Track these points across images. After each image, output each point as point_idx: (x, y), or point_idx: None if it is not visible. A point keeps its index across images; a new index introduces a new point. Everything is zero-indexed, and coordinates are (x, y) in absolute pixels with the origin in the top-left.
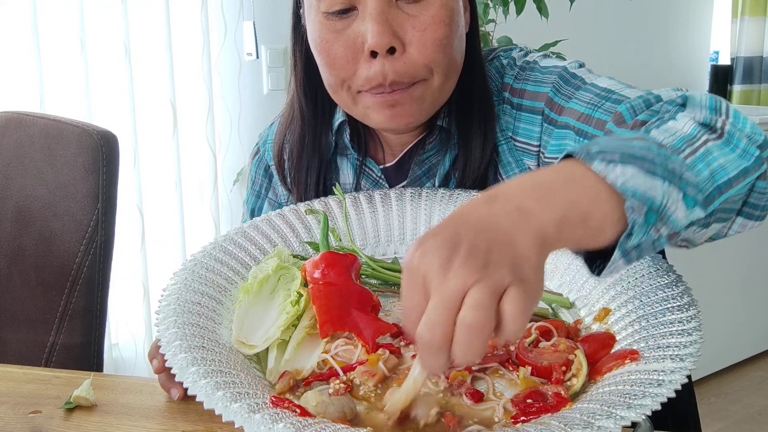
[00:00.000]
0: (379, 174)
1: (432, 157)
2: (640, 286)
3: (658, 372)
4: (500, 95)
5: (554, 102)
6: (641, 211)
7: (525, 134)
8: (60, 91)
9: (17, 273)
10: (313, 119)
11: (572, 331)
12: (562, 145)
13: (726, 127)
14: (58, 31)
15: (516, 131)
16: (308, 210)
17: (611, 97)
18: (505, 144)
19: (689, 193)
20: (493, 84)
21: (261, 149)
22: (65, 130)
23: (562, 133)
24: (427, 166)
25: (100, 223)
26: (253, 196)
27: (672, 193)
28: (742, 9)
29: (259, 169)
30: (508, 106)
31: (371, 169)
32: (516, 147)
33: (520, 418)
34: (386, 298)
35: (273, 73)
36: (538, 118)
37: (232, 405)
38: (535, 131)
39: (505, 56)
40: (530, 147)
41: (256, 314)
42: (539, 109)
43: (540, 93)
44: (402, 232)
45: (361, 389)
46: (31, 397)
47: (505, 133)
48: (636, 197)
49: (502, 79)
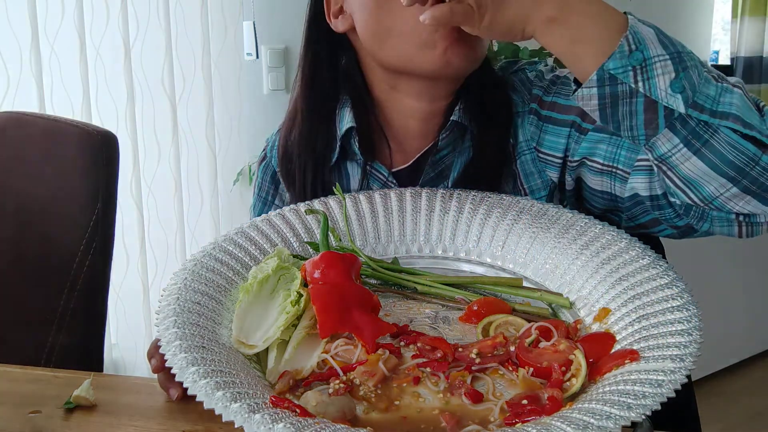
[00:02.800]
0: (388, 177)
1: (446, 158)
2: (640, 286)
3: (658, 372)
4: (526, 106)
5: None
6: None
7: (550, 146)
8: (60, 91)
9: (17, 273)
10: (315, 116)
11: (572, 331)
12: (594, 149)
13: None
14: (58, 31)
15: (541, 142)
16: (308, 210)
17: None
18: (528, 154)
19: (682, 81)
20: (518, 95)
21: (268, 155)
22: (65, 130)
23: (596, 136)
24: (440, 168)
25: (100, 223)
26: (259, 203)
27: (666, 65)
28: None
29: (266, 175)
30: (535, 117)
31: (380, 172)
32: (539, 158)
33: (513, 419)
34: (386, 298)
35: (273, 73)
36: (565, 130)
37: (232, 405)
38: (561, 143)
39: (530, 69)
40: (554, 159)
41: (256, 314)
42: (569, 122)
43: (573, 107)
44: (402, 232)
45: (361, 389)
46: (31, 397)
47: (529, 143)
48: (636, 36)
49: (530, 92)
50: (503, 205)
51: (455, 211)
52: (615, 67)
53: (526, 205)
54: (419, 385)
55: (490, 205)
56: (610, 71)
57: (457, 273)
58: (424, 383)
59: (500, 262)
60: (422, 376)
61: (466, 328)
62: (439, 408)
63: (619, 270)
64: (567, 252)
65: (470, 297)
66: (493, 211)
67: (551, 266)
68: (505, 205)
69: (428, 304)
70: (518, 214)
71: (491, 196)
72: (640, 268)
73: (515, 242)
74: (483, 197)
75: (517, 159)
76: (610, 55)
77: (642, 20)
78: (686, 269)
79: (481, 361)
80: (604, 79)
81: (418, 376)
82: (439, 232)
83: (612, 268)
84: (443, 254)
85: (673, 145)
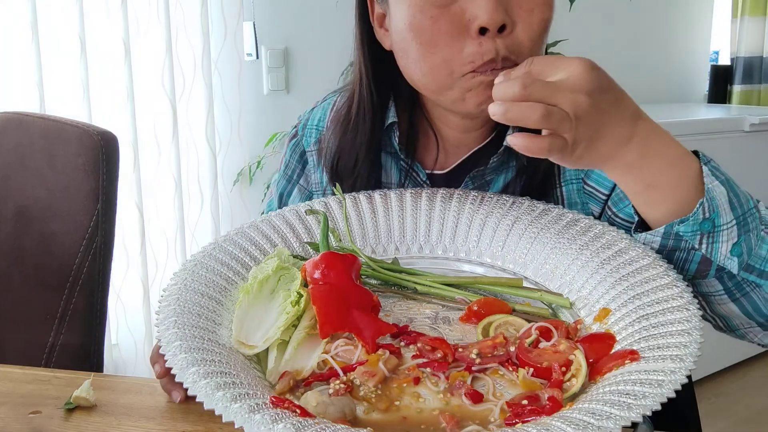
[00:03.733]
0: (424, 179)
1: (488, 173)
2: (641, 286)
3: (658, 372)
4: None
5: None
6: (704, 215)
7: (597, 180)
8: (60, 91)
9: (17, 273)
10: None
11: (572, 332)
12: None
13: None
14: (58, 31)
15: (589, 174)
16: (308, 210)
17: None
18: (575, 183)
19: (742, 245)
20: None
21: (300, 133)
22: (65, 130)
23: None
24: (480, 182)
25: (100, 223)
26: (284, 180)
27: (732, 230)
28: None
29: (294, 154)
30: None
31: (417, 173)
32: (585, 189)
33: (513, 420)
34: (386, 298)
35: (273, 73)
36: None
37: (232, 405)
38: (609, 181)
39: None
40: (599, 194)
41: (256, 314)
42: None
43: None
44: (402, 232)
45: (361, 389)
46: (31, 398)
47: (578, 173)
48: (711, 203)
49: None
50: (503, 205)
51: (455, 211)
52: (685, 231)
53: (527, 206)
54: (419, 386)
55: (490, 206)
56: (679, 232)
57: (457, 273)
58: (425, 383)
59: (500, 262)
60: (422, 377)
61: (466, 329)
62: (439, 408)
63: (620, 270)
64: (567, 252)
65: (470, 297)
66: (494, 211)
67: (551, 266)
68: (505, 206)
69: (428, 305)
70: (518, 215)
71: (491, 197)
72: (641, 269)
73: (515, 242)
74: (483, 197)
75: (562, 186)
76: (683, 219)
77: (714, 169)
78: None
79: (481, 362)
80: (671, 234)
81: (419, 377)
82: (439, 232)
83: (612, 268)
84: (443, 254)
85: (715, 290)
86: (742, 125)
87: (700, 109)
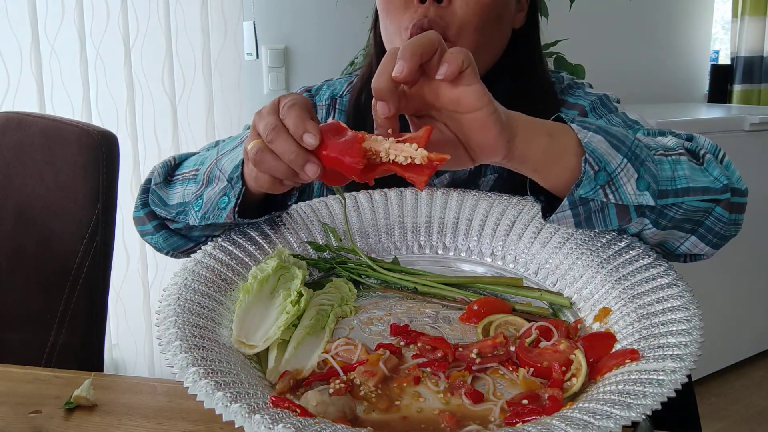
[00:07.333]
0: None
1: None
2: (641, 285)
3: (658, 372)
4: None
5: (587, 116)
6: (594, 168)
7: None
8: (60, 91)
9: (17, 273)
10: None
11: (572, 331)
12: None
13: (707, 158)
14: (58, 31)
15: None
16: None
17: (635, 127)
18: None
19: (645, 177)
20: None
21: (313, 93)
22: (65, 130)
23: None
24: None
25: (100, 223)
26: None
27: (628, 168)
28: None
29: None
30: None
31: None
32: None
33: (513, 419)
34: (386, 298)
35: (273, 73)
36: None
37: (232, 405)
38: None
39: (553, 75)
40: None
41: (256, 314)
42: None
43: (577, 104)
44: (402, 232)
45: (361, 389)
46: (31, 397)
47: None
48: (594, 155)
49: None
50: (503, 204)
51: (455, 211)
52: (586, 191)
53: (526, 205)
54: (419, 385)
55: (490, 205)
56: (581, 196)
57: (457, 273)
58: (425, 383)
59: (500, 262)
60: (422, 376)
61: (467, 328)
62: (439, 408)
63: (620, 270)
64: (567, 251)
65: (470, 297)
66: (493, 210)
67: (551, 266)
68: (505, 205)
69: (428, 304)
70: (518, 214)
71: (491, 196)
72: (641, 268)
73: (515, 242)
74: (483, 197)
75: None
76: (578, 183)
77: (581, 122)
78: (687, 269)
79: (481, 361)
80: (576, 202)
81: (419, 376)
82: (439, 232)
83: (613, 267)
84: (443, 254)
85: (643, 225)
86: (742, 125)
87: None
